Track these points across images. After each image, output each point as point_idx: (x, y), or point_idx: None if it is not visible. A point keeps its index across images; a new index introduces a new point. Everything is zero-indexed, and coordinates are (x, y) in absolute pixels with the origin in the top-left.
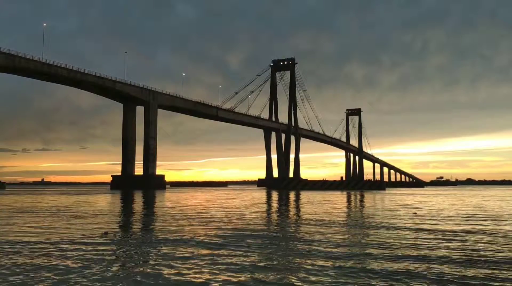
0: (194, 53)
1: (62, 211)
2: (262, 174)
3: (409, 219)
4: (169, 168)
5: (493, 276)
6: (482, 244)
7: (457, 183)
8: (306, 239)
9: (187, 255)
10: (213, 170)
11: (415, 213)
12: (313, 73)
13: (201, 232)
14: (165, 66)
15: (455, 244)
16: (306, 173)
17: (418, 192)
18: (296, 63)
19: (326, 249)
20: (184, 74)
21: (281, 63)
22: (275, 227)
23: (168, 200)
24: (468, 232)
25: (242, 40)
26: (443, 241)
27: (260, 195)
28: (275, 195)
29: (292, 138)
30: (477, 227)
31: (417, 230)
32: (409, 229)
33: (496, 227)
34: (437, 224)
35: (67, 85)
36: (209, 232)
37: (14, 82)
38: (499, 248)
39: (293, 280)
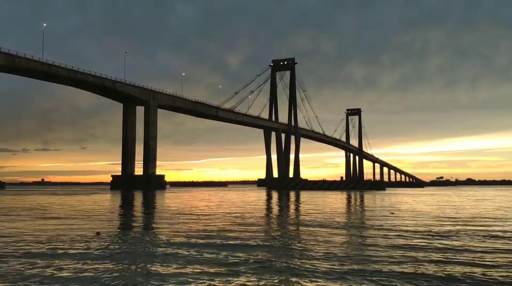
0: (194, 53)
1: (60, 211)
2: (262, 174)
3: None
4: (169, 168)
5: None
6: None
7: (457, 183)
8: (304, 239)
9: (181, 256)
10: (213, 170)
11: (393, 213)
12: (313, 73)
13: (197, 233)
14: (165, 66)
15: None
16: (306, 173)
17: (417, 192)
18: (296, 63)
19: (323, 251)
20: (184, 74)
21: (281, 63)
22: (274, 228)
23: (167, 200)
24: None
25: (242, 40)
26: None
27: (260, 195)
28: (275, 195)
29: (292, 138)
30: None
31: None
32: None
33: (459, 228)
34: (407, 224)
35: (67, 85)
36: (207, 233)
37: (14, 82)
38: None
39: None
